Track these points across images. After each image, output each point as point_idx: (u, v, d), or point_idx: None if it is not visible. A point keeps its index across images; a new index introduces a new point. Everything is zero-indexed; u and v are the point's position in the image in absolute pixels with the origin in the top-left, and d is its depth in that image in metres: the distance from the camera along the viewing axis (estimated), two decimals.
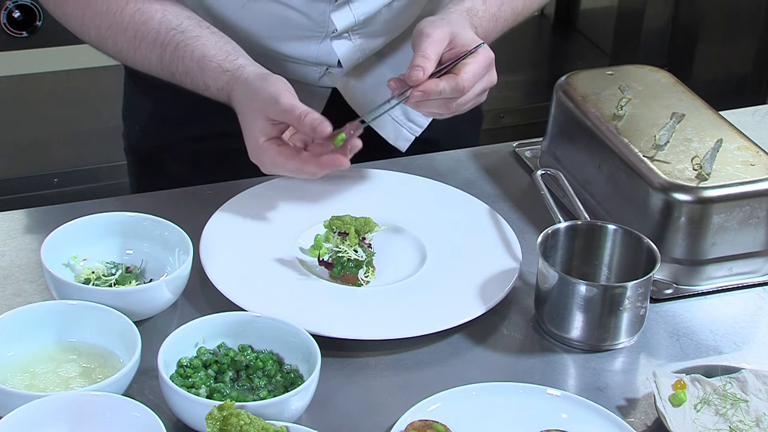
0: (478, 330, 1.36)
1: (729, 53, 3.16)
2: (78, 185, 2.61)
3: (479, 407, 1.23)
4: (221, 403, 1.11)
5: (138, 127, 1.78)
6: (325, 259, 1.41)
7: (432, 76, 1.43)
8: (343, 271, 1.40)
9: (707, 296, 1.45)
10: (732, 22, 3.13)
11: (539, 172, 1.52)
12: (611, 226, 1.39)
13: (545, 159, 1.66)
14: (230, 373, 1.24)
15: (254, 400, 1.20)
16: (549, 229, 1.38)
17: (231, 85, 1.48)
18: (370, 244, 1.41)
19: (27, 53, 2.68)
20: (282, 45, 1.60)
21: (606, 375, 1.32)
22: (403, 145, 1.72)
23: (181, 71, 1.51)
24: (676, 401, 1.23)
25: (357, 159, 1.60)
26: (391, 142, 1.71)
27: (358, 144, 1.45)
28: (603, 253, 1.40)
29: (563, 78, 1.65)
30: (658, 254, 1.35)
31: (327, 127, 1.40)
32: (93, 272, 1.36)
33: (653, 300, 1.42)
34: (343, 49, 1.62)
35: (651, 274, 1.32)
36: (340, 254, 1.39)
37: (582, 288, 1.32)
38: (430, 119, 1.71)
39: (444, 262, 1.44)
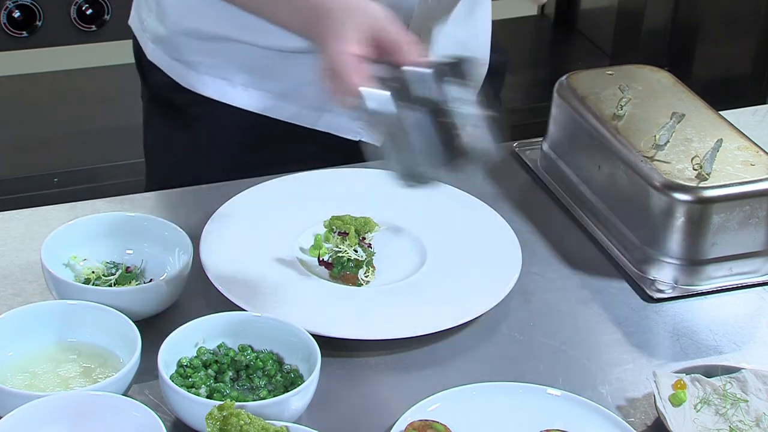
0: (478, 330, 1.36)
1: (729, 53, 3.16)
2: (78, 185, 2.61)
3: (479, 407, 1.23)
4: (221, 403, 1.11)
5: (174, 161, 1.72)
6: (325, 259, 1.41)
7: None
8: (343, 271, 1.40)
9: (707, 296, 1.45)
10: (732, 22, 3.12)
11: (539, 172, 1.52)
12: None
13: (545, 159, 1.66)
14: (230, 373, 1.24)
15: (254, 400, 1.20)
16: None
17: None
18: (370, 244, 1.41)
19: (27, 53, 2.68)
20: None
21: (606, 375, 1.32)
22: None
23: None
24: (676, 401, 1.23)
25: (357, 159, 1.60)
26: None
27: None
28: None
29: (563, 78, 1.65)
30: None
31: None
32: (93, 272, 1.35)
33: (653, 300, 1.42)
34: None
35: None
36: (340, 254, 1.39)
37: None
38: None
39: (444, 262, 1.44)
